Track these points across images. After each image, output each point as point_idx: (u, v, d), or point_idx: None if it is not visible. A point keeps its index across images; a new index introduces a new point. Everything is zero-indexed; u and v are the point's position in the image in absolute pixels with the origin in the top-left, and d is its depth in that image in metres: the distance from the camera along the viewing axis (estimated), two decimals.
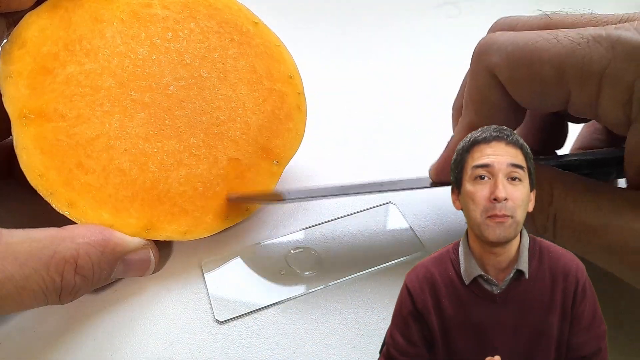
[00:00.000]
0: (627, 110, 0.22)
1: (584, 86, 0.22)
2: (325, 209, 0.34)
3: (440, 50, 0.50)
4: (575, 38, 0.22)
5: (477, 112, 0.25)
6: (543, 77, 0.22)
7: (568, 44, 0.22)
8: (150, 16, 0.31)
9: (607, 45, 0.21)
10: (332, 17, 0.55)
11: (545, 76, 0.22)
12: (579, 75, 0.22)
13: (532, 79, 0.23)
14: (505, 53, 0.23)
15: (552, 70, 0.22)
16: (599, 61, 0.21)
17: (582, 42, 0.22)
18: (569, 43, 0.22)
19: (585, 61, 0.21)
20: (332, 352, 0.27)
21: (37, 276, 0.24)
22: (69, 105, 0.28)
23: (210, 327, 0.28)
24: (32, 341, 0.27)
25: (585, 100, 0.22)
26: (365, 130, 0.41)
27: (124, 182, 0.28)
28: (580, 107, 0.23)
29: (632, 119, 0.22)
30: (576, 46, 0.22)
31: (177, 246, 0.32)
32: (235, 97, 0.31)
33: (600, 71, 0.21)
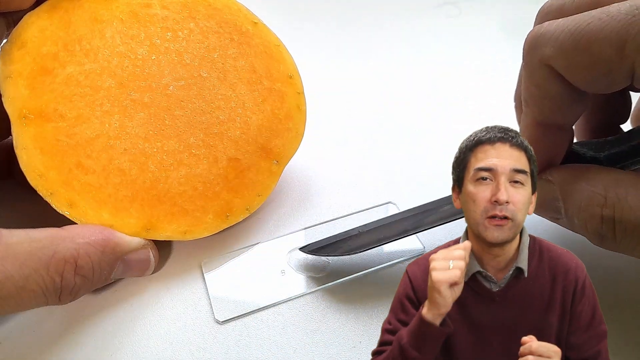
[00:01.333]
0: None
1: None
2: (325, 209, 0.34)
3: (440, 50, 0.50)
4: (630, 11, 0.21)
5: (539, 107, 0.24)
6: (603, 57, 0.21)
7: (623, 18, 0.21)
8: (150, 16, 0.31)
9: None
10: (332, 17, 0.55)
11: (605, 56, 0.21)
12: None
13: (592, 63, 0.22)
14: (559, 42, 0.22)
15: (611, 49, 0.21)
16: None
17: (636, 13, 0.21)
18: (624, 17, 0.21)
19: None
20: (332, 352, 0.27)
21: (36, 276, 0.24)
22: (69, 105, 0.28)
23: (210, 327, 0.28)
24: (32, 341, 0.27)
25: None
26: (365, 130, 0.41)
27: (124, 182, 0.28)
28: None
29: None
30: (632, 19, 0.21)
31: (177, 246, 0.32)
32: (234, 96, 0.31)
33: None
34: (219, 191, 0.30)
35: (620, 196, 0.23)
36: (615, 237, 0.23)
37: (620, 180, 0.23)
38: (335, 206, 0.34)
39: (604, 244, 0.24)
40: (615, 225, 0.23)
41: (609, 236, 0.23)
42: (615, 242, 0.23)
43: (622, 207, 0.22)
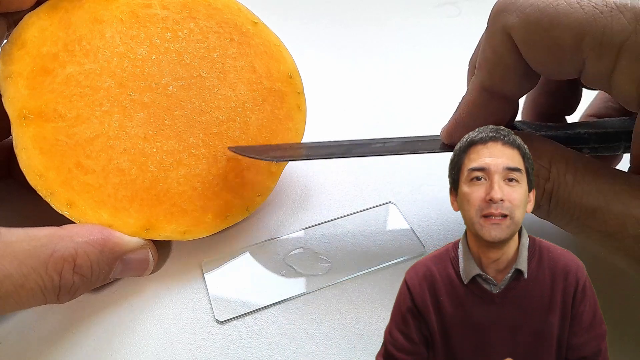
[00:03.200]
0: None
1: (600, 57, 0.21)
2: (326, 209, 0.34)
3: (440, 50, 0.50)
4: (599, 5, 0.21)
5: (489, 72, 0.24)
6: (560, 42, 0.21)
7: (590, 11, 0.21)
8: (150, 16, 0.31)
9: (630, 17, 0.20)
10: (332, 17, 0.55)
11: (562, 42, 0.21)
12: (597, 45, 0.21)
13: (548, 44, 0.22)
14: (524, 14, 0.22)
15: (570, 37, 0.21)
16: (620, 32, 0.20)
17: (605, 10, 0.20)
18: (592, 10, 0.21)
19: (605, 31, 0.20)
20: (332, 352, 0.27)
21: (35, 275, 0.24)
22: (69, 105, 0.28)
23: (210, 327, 0.28)
24: (32, 341, 0.27)
25: (600, 71, 0.21)
26: (365, 130, 0.41)
27: (123, 182, 0.28)
28: (593, 78, 0.22)
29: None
30: (598, 14, 0.20)
31: (176, 246, 0.32)
32: (234, 96, 0.31)
33: (619, 43, 0.20)
34: (218, 191, 0.30)
35: (561, 171, 0.23)
36: (549, 208, 0.23)
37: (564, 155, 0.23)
38: (335, 206, 0.34)
39: (536, 211, 0.24)
40: (550, 198, 0.23)
41: (545, 207, 0.23)
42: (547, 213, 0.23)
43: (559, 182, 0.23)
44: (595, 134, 0.26)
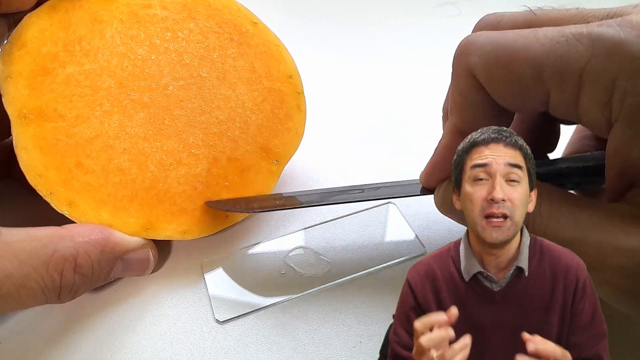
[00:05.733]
0: (606, 111, 0.21)
1: (562, 86, 0.21)
2: (326, 209, 0.34)
3: (439, 50, 0.50)
4: (555, 36, 0.21)
5: (460, 115, 0.24)
6: (521, 77, 0.22)
7: (547, 43, 0.21)
8: (150, 17, 0.31)
9: (587, 43, 0.20)
10: (332, 17, 0.55)
11: (523, 76, 0.21)
12: (557, 75, 0.21)
13: (510, 79, 0.22)
14: (484, 53, 0.22)
15: (530, 70, 0.21)
16: (578, 60, 0.20)
17: (561, 40, 0.21)
18: (548, 42, 0.21)
19: (563, 60, 0.20)
20: (332, 352, 0.27)
21: (36, 275, 0.24)
22: (69, 105, 0.28)
23: (210, 327, 0.28)
24: (32, 341, 0.27)
25: (565, 100, 0.21)
26: (364, 129, 0.41)
27: (124, 181, 0.28)
28: (560, 107, 0.22)
29: (612, 120, 0.21)
30: (555, 45, 0.21)
31: (176, 246, 0.32)
32: (234, 96, 0.31)
33: (579, 70, 0.20)
34: (218, 191, 0.30)
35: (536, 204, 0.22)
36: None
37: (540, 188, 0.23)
38: (335, 206, 0.34)
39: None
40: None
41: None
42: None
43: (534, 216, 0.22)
44: (576, 169, 0.26)
